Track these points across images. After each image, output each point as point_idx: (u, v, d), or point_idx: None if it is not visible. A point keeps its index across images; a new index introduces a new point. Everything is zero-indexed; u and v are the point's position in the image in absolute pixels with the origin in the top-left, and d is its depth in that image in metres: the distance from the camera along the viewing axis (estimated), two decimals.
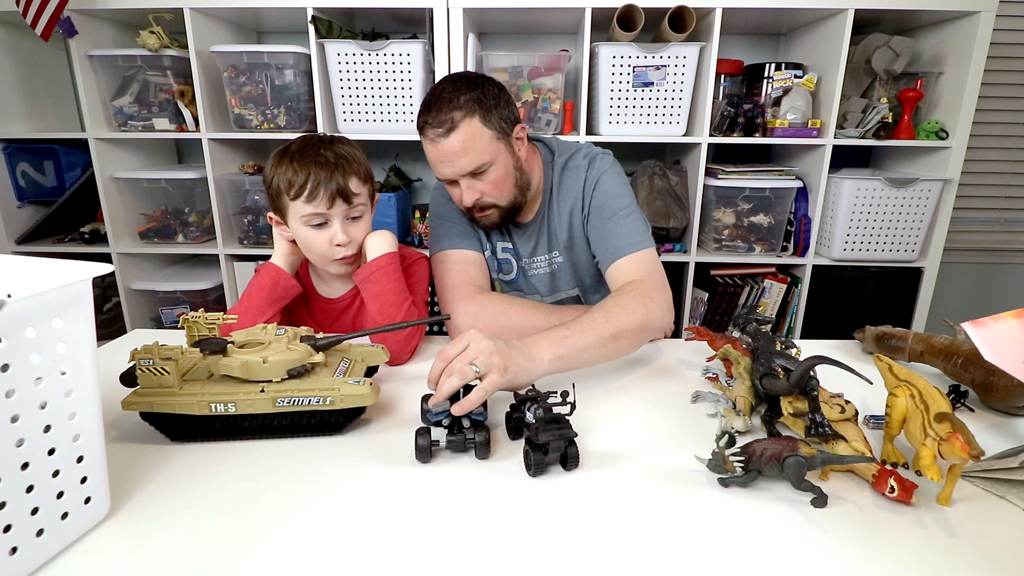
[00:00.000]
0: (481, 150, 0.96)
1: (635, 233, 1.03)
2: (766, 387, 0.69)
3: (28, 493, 0.46)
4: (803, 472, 0.57)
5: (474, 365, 0.70)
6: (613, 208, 1.05)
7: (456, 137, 0.95)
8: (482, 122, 0.96)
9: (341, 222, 0.95)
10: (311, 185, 0.91)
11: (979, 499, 0.59)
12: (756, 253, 1.90)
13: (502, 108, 0.99)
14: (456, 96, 0.95)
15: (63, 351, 0.48)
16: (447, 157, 0.97)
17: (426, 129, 0.97)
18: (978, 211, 2.22)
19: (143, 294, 1.97)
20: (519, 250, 1.16)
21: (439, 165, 1.00)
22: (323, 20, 1.70)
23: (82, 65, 1.74)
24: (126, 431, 0.71)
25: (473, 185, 1.00)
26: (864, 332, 0.99)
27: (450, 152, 0.96)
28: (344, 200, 0.93)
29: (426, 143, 0.99)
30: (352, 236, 0.96)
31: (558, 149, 1.13)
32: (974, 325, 0.65)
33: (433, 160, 1.00)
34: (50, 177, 2.02)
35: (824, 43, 1.75)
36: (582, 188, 1.08)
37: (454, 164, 0.97)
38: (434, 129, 0.96)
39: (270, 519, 0.55)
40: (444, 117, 0.95)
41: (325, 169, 0.92)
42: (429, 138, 0.97)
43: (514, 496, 0.59)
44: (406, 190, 2.01)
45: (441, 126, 0.95)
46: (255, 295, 0.96)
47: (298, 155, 0.93)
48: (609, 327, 0.86)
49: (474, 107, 0.95)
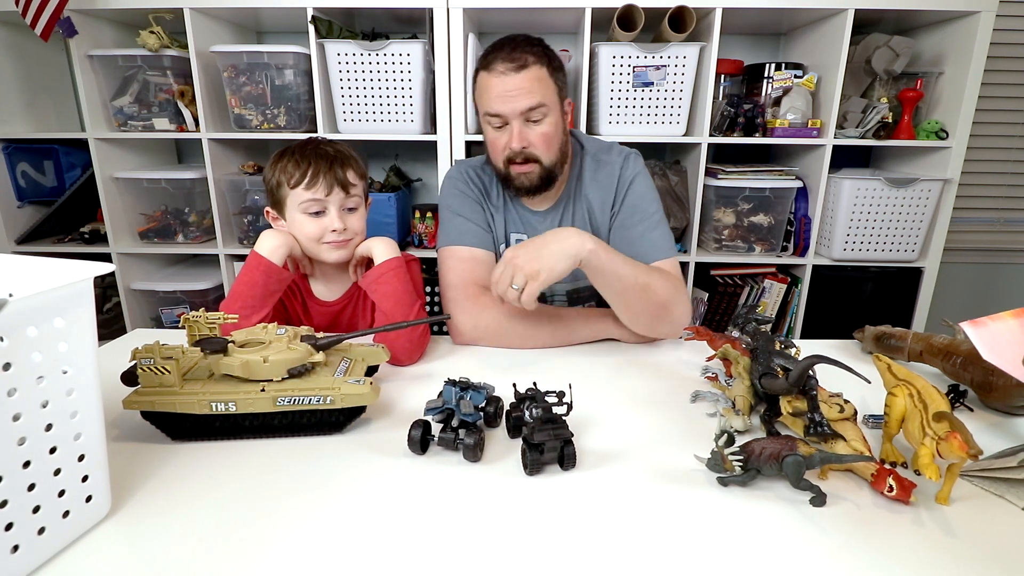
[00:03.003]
0: (543, 93, 1.00)
1: (664, 240, 1.08)
2: (765, 386, 0.69)
3: (30, 491, 0.46)
4: (802, 471, 0.57)
5: (514, 285, 0.87)
6: (644, 212, 1.08)
7: (526, 75, 0.98)
8: (549, 73, 1.01)
9: (338, 210, 0.99)
10: (311, 172, 0.96)
11: (978, 498, 0.59)
12: (756, 253, 1.90)
13: (563, 75, 1.06)
14: (531, 45, 1.01)
15: (64, 350, 0.48)
16: (512, 91, 0.99)
17: (494, 63, 0.99)
18: (978, 211, 2.22)
19: (143, 294, 1.97)
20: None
21: (499, 99, 1.00)
22: (323, 20, 1.70)
23: (82, 65, 1.74)
24: (127, 430, 0.71)
25: (525, 131, 1.01)
26: (863, 332, 0.99)
27: (517, 87, 0.98)
28: (342, 188, 0.98)
29: (490, 77, 1.00)
30: (347, 225, 1.00)
31: (587, 143, 1.16)
32: (973, 325, 0.66)
33: (493, 94, 1.00)
34: (50, 177, 2.02)
35: (824, 43, 1.75)
36: (615, 184, 1.10)
37: (515, 101, 0.99)
38: (505, 63, 0.98)
39: (271, 518, 0.56)
40: (518, 55, 0.99)
41: (325, 160, 0.97)
42: (497, 71, 0.99)
43: (511, 495, 0.60)
44: (406, 190, 2.01)
45: (514, 61, 0.98)
46: (247, 292, 0.93)
47: (299, 150, 0.99)
48: (644, 278, 0.95)
49: (545, 59, 1.01)
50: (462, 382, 0.70)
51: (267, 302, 0.95)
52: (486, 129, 1.06)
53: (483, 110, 1.04)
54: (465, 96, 1.72)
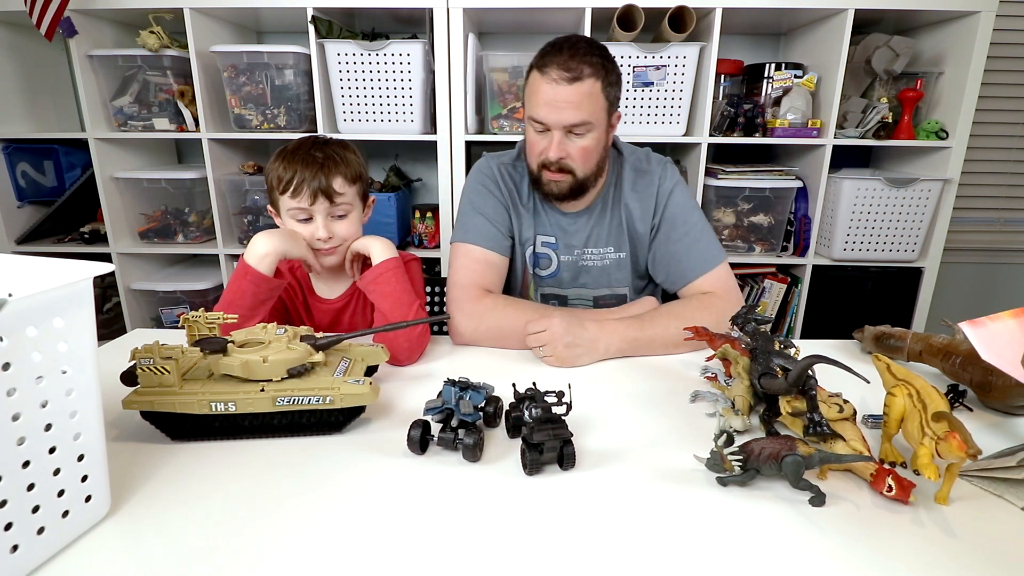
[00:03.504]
0: (591, 111, 0.98)
1: (710, 247, 1.08)
2: (764, 386, 0.69)
3: (29, 491, 0.46)
4: (801, 471, 0.57)
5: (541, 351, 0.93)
6: (687, 224, 1.09)
7: (578, 88, 0.96)
8: (602, 88, 0.98)
9: (324, 219, 0.99)
10: (296, 182, 0.96)
11: (977, 498, 0.59)
12: (756, 253, 1.90)
13: (617, 88, 1.03)
14: (591, 53, 0.97)
15: (64, 350, 0.48)
16: (561, 103, 0.97)
17: (549, 68, 0.96)
18: (978, 211, 2.22)
19: (143, 294, 1.97)
20: (565, 241, 1.14)
21: (546, 107, 0.98)
22: (323, 20, 1.70)
23: (82, 65, 1.75)
24: (127, 430, 0.71)
25: (565, 142, 1.00)
26: (863, 332, 0.99)
27: (566, 100, 0.96)
28: (326, 198, 0.97)
29: (542, 81, 0.97)
30: (333, 232, 1.00)
31: (626, 150, 1.16)
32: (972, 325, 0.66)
33: (542, 100, 0.98)
34: (50, 177, 2.02)
35: (824, 43, 1.76)
36: (655, 194, 1.11)
37: (562, 112, 0.97)
38: (560, 71, 0.96)
39: (270, 518, 0.56)
40: (575, 64, 0.96)
41: (311, 168, 0.96)
42: (550, 78, 0.96)
43: (511, 495, 0.60)
44: (406, 190, 2.01)
45: (569, 71, 0.95)
46: (236, 302, 0.92)
47: (290, 153, 0.98)
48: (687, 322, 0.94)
49: (602, 71, 0.98)
50: (462, 382, 0.70)
51: (258, 311, 0.93)
52: (528, 127, 1.04)
53: (528, 112, 1.02)
54: (465, 96, 1.72)
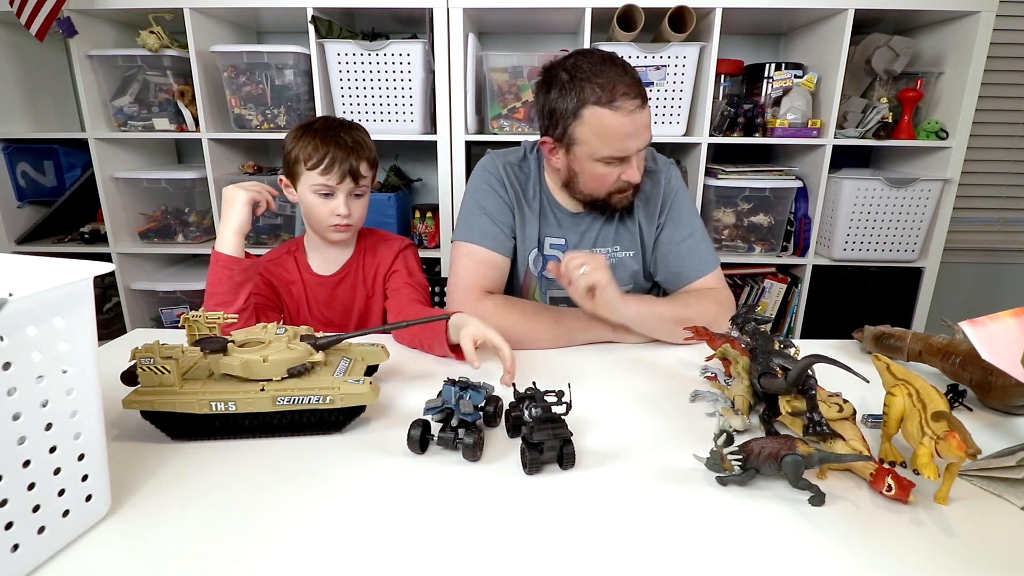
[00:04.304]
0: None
1: (711, 253, 1.11)
2: (764, 386, 0.69)
3: (30, 491, 0.46)
4: (801, 471, 0.57)
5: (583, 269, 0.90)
6: (691, 226, 1.10)
7: (647, 109, 0.96)
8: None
9: (346, 197, 1.07)
10: (328, 161, 1.03)
11: (976, 498, 0.59)
12: (756, 253, 1.90)
13: None
14: (636, 74, 0.96)
15: (64, 349, 0.48)
16: (642, 129, 0.96)
17: (620, 98, 0.92)
18: (978, 211, 2.22)
19: (143, 294, 1.97)
20: (574, 243, 1.15)
21: (630, 138, 0.95)
22: (323, 20, 1.70)
23: (82, 65, 1.75)
24: (127, 430, 0.71)
25: (638, 160, 1.00)
26: (863, 332, 0.99)
27: (644, 125, 0.96)
28: (353, 179, 1.06)
29: (615, 116, 0.93)
30: (351, 211, 1.08)
31: None
32: (972, 324, 0.66)
33: (624, 134, 0.94)
34: (50, 177, 2.02)
35: (824, 43, 1.76)
36: (661, 193, 1.11)
37: (640, 137, 0.96)
38: (631, 99, 0.93)
39: (270, 517, 0.56)
40: (640, 89, 0.95)
41: (343, 150, 1.04)
42: (626, 109, 0.92)
43: (511, 494, 0.60)
44: (406, 190, 2.01)
45: (638, 96, 0.94)
46: (215, 290, 0.98)
47: (321, 133, 1.05)
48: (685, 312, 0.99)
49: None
50: (462, 381, 0.70)
51: (239, 294, 0.98)
52: (593, 165, 0.99)
53: (605, 151, 0.96)
54: (465, 96, 1.72)
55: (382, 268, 1.17)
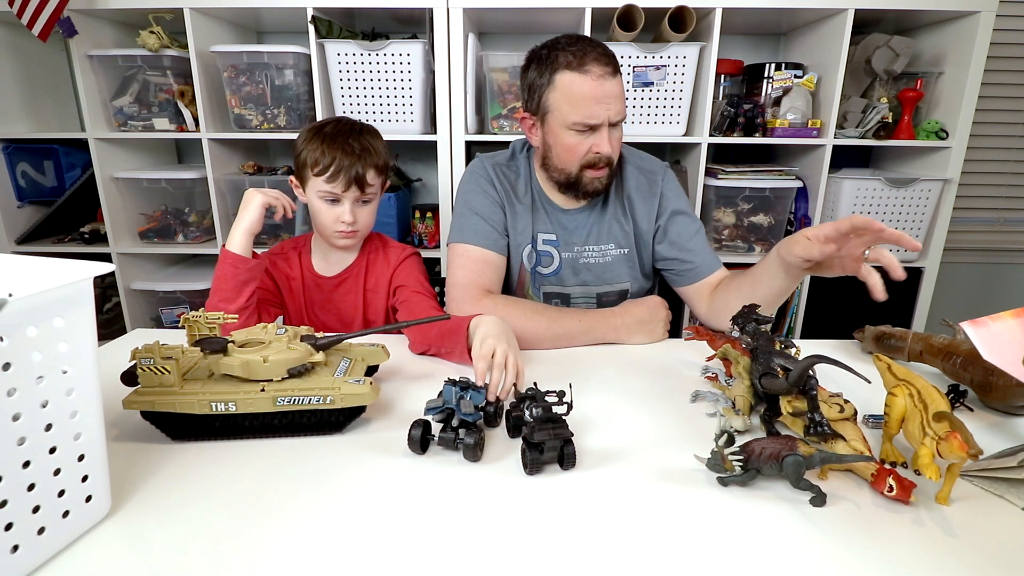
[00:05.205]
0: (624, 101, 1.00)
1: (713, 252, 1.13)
2: (765, 386, 0.69)
3: (29, 491, 0.46)
4: (802, 471, 0.57)
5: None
6: (693, 227, 1.12)
7: (618, 80, 0.98)
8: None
9: (351, 204, 1.06)
10: (334, 168, 1.02)
11: (977, 498, 0.59)
12: (756, 253, 1.90)
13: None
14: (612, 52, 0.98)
15: (64, 350, 0.48)
16: (611, 98, 0.97)
17: (588, 64, 0.95)
18: (978, 211, 2.22)
19: (143, 294, 1.97)
20: (565, 239, 1.15)
21: (598, 104, 0.96)
22: (323, 20, 1.70)
23: (82, 65, 1.74)
24: (127, 430, 0.71)
25: (611, 136, 1.01)
26: (863, 332, 0.99)
27: (614, 94, 0.97)
28: (359, 187, 1.04)
29: (584, 80, 0.95)
30: (357, 218, 1.07)
31: (623, 147, 1.16)
32: (973, 325, 0.66)
33: (591, 98, 0.96)
34: (50, 177, 2.02)
35: (824, 43, 1.75)
36: (659, 195, 1.12)
37: (611, 107, 0.98)
38: (602, 65, 0.95)
39: (271, 518, 0.56)
40: (610, 58, 0.97)
41: (349, 157, 1.02)
42: (595, 75, 0.95)
43: (511, 495, 0.60)
44: (406, 190, 2.01)
45: (609, 64, 0.96)
46: (220, 287, 0.99)
47: (330, 138, 1.04)
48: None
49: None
50: (462, 382, 0.70)
51: (242, 292, 0.99)
52: (565, 133, 1.01)
53: (568, 117, 0.98)
54: (465, 96, 1.72)
55: (383, 278, 1.15)
